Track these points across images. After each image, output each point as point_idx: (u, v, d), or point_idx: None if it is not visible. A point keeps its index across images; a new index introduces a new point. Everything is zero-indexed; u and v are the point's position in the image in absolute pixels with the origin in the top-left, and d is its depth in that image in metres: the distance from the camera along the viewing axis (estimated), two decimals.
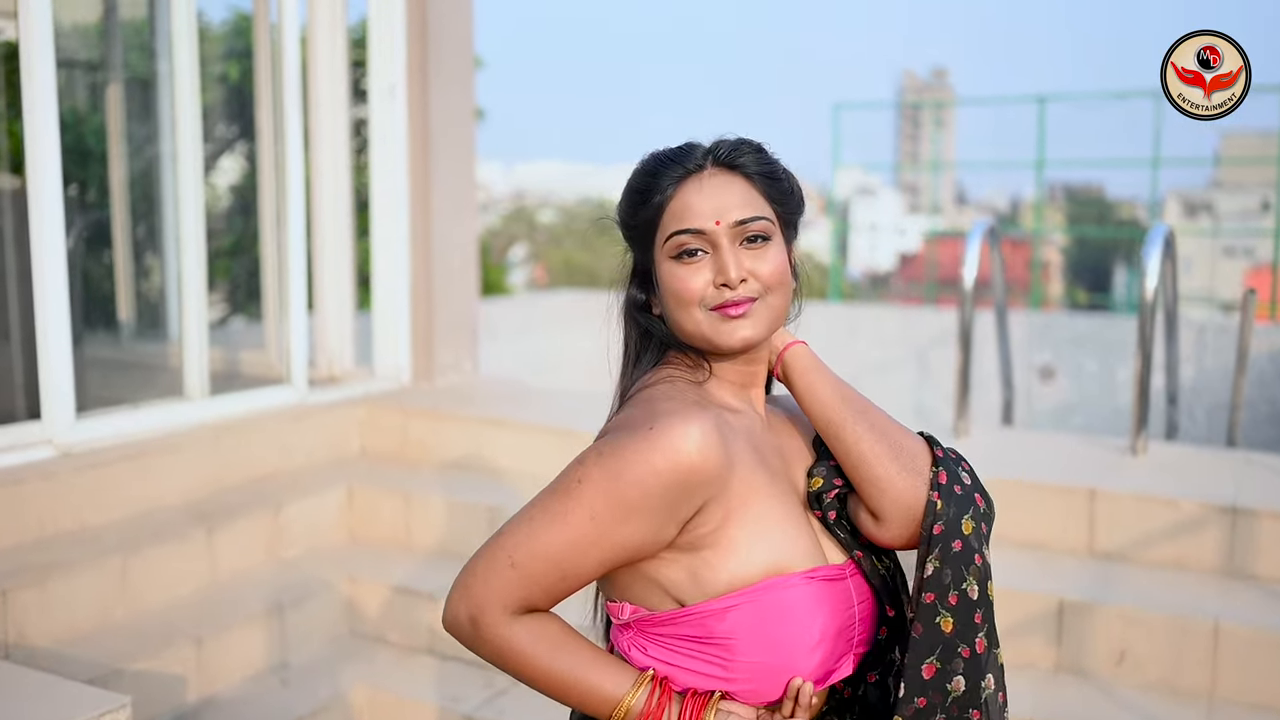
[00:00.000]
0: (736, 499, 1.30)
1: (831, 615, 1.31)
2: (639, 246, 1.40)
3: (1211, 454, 3.72)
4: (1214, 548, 3.03)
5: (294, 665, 3.29)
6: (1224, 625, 2.74)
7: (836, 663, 1.33)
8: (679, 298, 1.34)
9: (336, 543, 3.84)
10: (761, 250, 1.33)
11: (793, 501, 1.37)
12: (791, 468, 1.42)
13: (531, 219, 44.55)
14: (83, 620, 3.04)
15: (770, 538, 1.30)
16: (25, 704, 2.19)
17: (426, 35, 4.60)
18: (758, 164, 1.36)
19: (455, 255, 4.83)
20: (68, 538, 3.24)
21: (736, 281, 1.31)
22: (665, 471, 1.23)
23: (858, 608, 1.35)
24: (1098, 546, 3.16)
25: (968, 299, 3.85)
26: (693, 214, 1.32)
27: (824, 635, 1.30)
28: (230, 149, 8.25)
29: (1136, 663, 2.81)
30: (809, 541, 1.34)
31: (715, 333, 1.33)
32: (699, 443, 1.24)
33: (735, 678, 1.29)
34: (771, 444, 1.41)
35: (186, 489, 3.64)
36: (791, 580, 1.29)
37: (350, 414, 4.33)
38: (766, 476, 1.34)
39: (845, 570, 1.36)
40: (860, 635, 1.36)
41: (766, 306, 1.34)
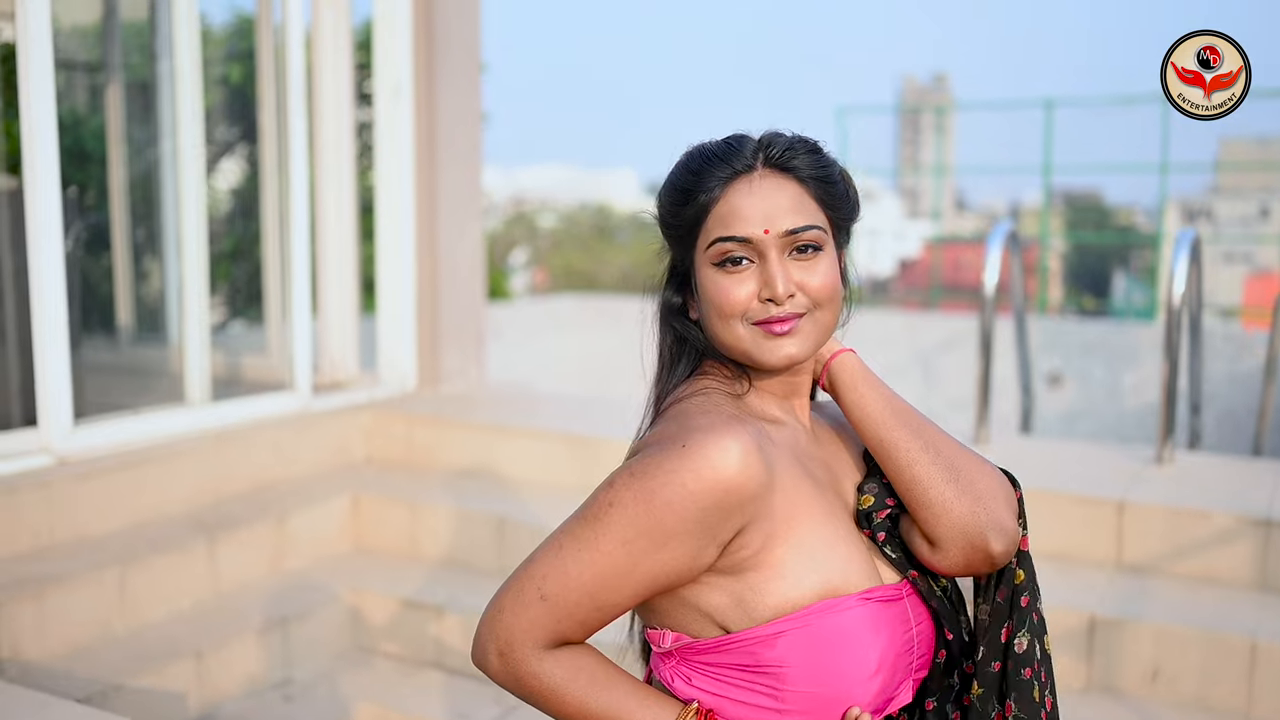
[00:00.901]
0: (780, 518, 1.21)
1: (890, 639, 1.23)
2: (679, 246, 1.30)
3: (1240, 463, 3.62)
4: (1247, 561, 2.94)
5: (298, 680, 3.19)
6: (1261, 642, 2.64)
7: (895, 689, 1.25)
8: (720, 309, 1.24)
9: (341, 553, 3.74)
10: (812, 261, 1.23)
11: (843, 518, 1.28)
12: (840, 481, 1.33)
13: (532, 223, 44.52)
14: (80, 634, 2.94)
15: (821, 558, 1.21)
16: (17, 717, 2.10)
17: (433, 36, 4.52)
18: (812, 166, 1.25)
19: (461, 259, 4.75)
20: (65, 549, 3.15)
21: (784, 297, 1.21)
22: (701, 493, 1.14)
23: (916, 629, 1.27)
24: (1126, 559, 3.07)
25: (989, 304, 3.76)
26: (740, 220, 1.22)
27: (882, 661, 1.21)
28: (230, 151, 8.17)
29: (1170, 680, 2.72)
30: (862, 560, 1.25)
31: (757, 349, 1.24)
32: (737, 460, 1.15)
33: (788, 709, 1.19)
34: (818, 457, 1.33)
35: (187, 498, 3.55)
36: (846, 603, 1.20)
37: (354, 420, 4.24)
38: (813, 492, 1.26)
39: (901, 590, 1.28)
40: (920, 659, 1.28)
41: (814, 323, 1.25)
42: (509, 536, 3.52)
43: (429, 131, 4.55)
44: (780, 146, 1.25)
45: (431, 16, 4.52)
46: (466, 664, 3.25)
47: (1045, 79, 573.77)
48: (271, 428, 3.95)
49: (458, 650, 3.27)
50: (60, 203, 3.31)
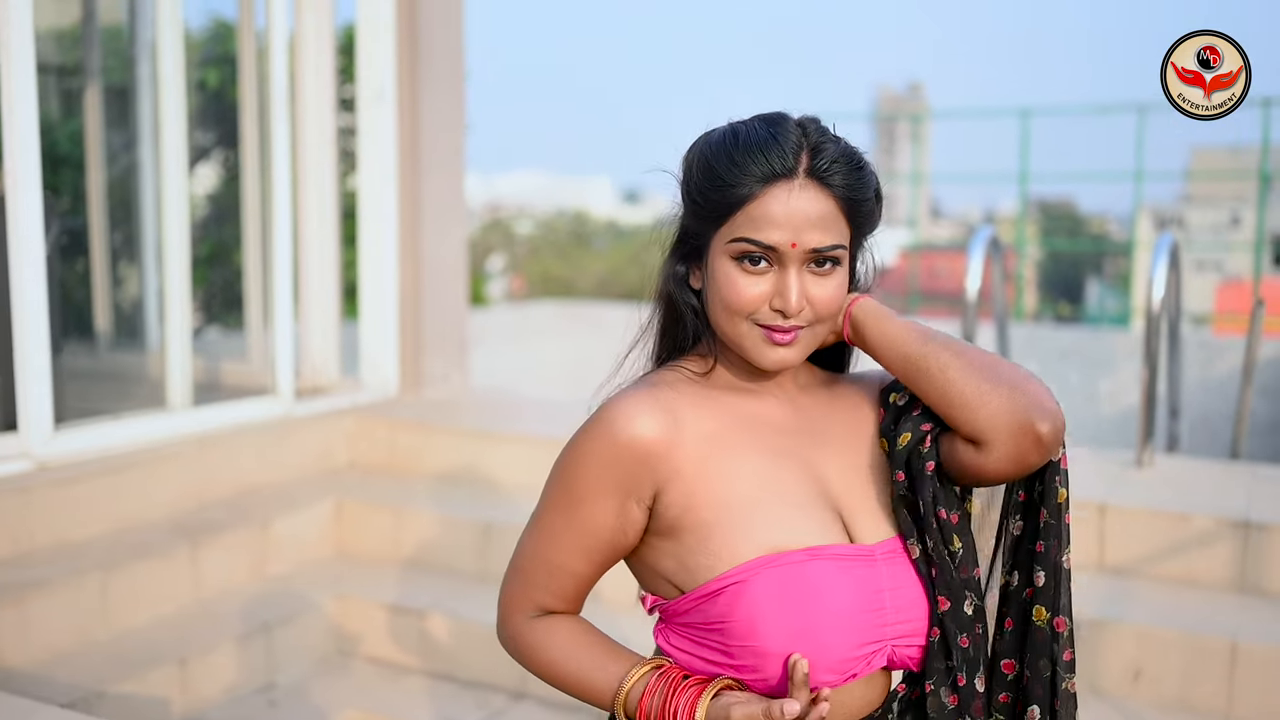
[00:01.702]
0: (702, 480, 1.26)
1: (844, 598, 1.22)
2: (699, 221, 1.28)
3: (1218, 467, 3.67)
4: (1227, 562, 2.98)
5: (281, 685, 3.18)
6: (1241, 643, 2.68)
7: (856, 650, 1.22)
8: (729, 304, 1.25)
9: (324, 558, 3.73)
10: (826, 275, 1.25)
11: (799, 479, 1.28)
12: (814, 448, 1.32)
13: (508, 230, 44.46)
14: (62, 640, 2.92)
15: (758, 518, 1.24)
16: None
17: (416, 42, 4.52)
18: (851, 186, 1.24)
19: (444, 264, 4.75)
20: (45, 554, 3.12)
21: (795, 311, 1.23)
22: (600, 451, 1.26)
23: (890, 593, 1.25)
24: (1108, 561, 3.10)
25: (970, 309, 3.79)
26: (772, 227, 1.22)
27: (828, 618, 1.20)
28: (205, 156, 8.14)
29: (1152, 681, 2.75)
30: (817, 520, 1.26)
31: (756, 350, 1.26)
32: (632, 423, 1.25)
33: (739, 664, 1.23)
34: (792, 424, 1.33)
35: (169, 503, 3.53)
36: (788, 558, 1.22)
37: (337, 425, 4.23)
38: (762, 458, 1.28)
39: (875, 550, 1.27)
40: (900, 627, 1.25)
41: (812, 334, 1.27)
42: (494, 541, 3.52)
43: (412, 137, 4.55)
44: (827, 158, 1.23)
45: (415, 22, 4.52)
46: (450, 668, 3.24)
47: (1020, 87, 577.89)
48: (254, 433, 3.94)
49: (442, 654, 3.26)
50: (41, 208, 3.29)
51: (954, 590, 1.27)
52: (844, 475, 1.31)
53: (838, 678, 1.21)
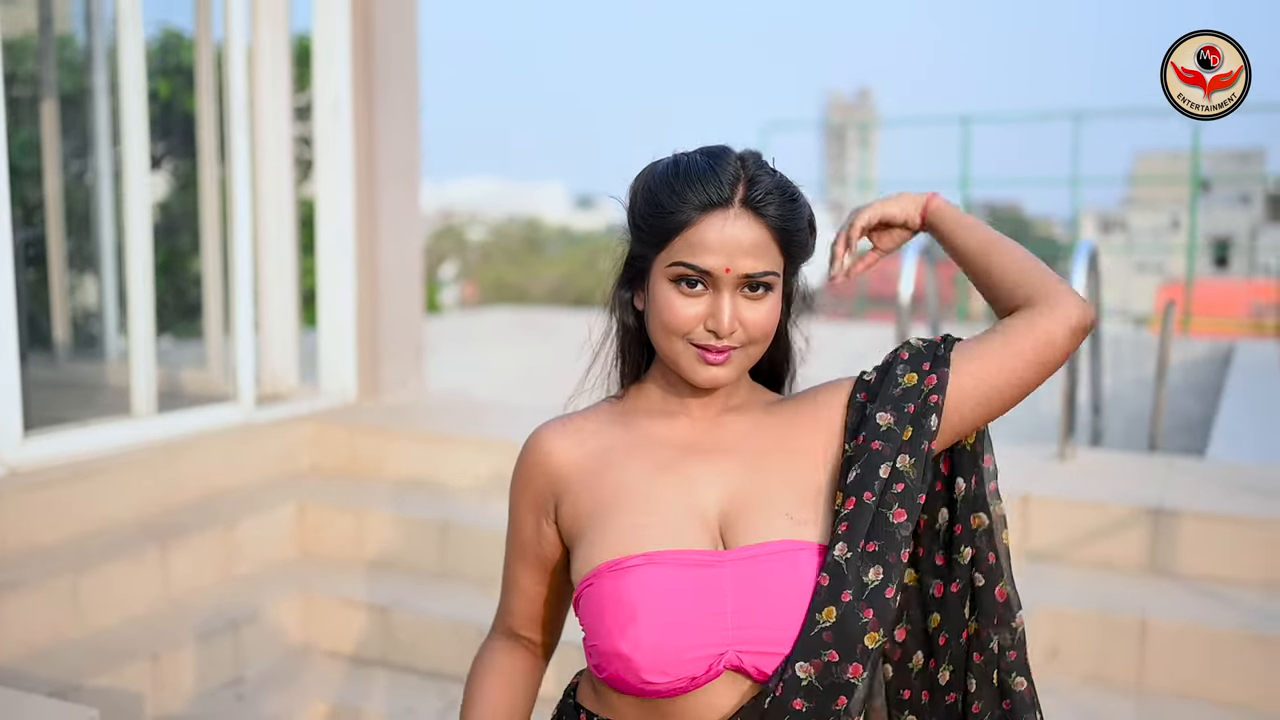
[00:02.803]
0: (586, 494, 1.37)
1: (671, 600, 1.26)
2: (641, 245, 1.36)
3: (1135, 459, 3.90)
4: (1140, 547, 3.20)
5: (250, 680, 3.30)
6: (1150, 620, 2.89)
7: (688, 657, 1.24)
8: (666, 324, 1.32)
9: (288, 558, 3.85)
10: (759, 300, 1.31)
11: (675, 491, 1.34)
12: (720, 462, 1.37)
13: (460, 237, 44.39)
14: (37, 637, 3.03)
15: (615, 527, 1.32)
16: None
17: (372, 51, 4.65)
18: (785, 217, 1.32)
19: (400, 272, 4.88)
20: (17, 557, 3.22)
21: (727, 332, 1.30)
22: (519, 472, 1.44)
23: (735, 600, 1.26)
24: (1030, 548, 3.31)
25: (904, 313, 4.00)
26: (706, 252, 1.29)
27: (656, 620, 1.25)
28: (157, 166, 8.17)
29: (1069, 658, 2.96)
30: (677, 528, 1.31)
31: (690, 368, 1.33)
32: (540, 445, 1.42)
33: (597, 664, 1.30)
34: (696, 442, 1.39)
35: (137, 506, 3.64)
36: (627, 562, 1.29)
37: (298, 431, 4.35)
38: (641, 473, 1.36)
39: (725, 557, 1.29)
40: (745, 636, 1.25)
41: (745, 355, 1.33)
42: (452, 539, 3.66)
43: (368, 147, 4.68)
44: (761, 189, 1.30)
45: (370, 33, 4.64)
46: (412, 660, 3.38)
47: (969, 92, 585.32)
48: (216, 438, 4.05)
49: (403, 647, 3.40)
50: (10, 221, 3.39)
51: (826, 598, 1.25)
52: (744, 487, 1.34)
53: (668, 679, 1.24)
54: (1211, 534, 3.14)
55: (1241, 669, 2.82)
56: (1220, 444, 4.71)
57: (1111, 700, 2.85)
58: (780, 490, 1.34)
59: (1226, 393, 6.12)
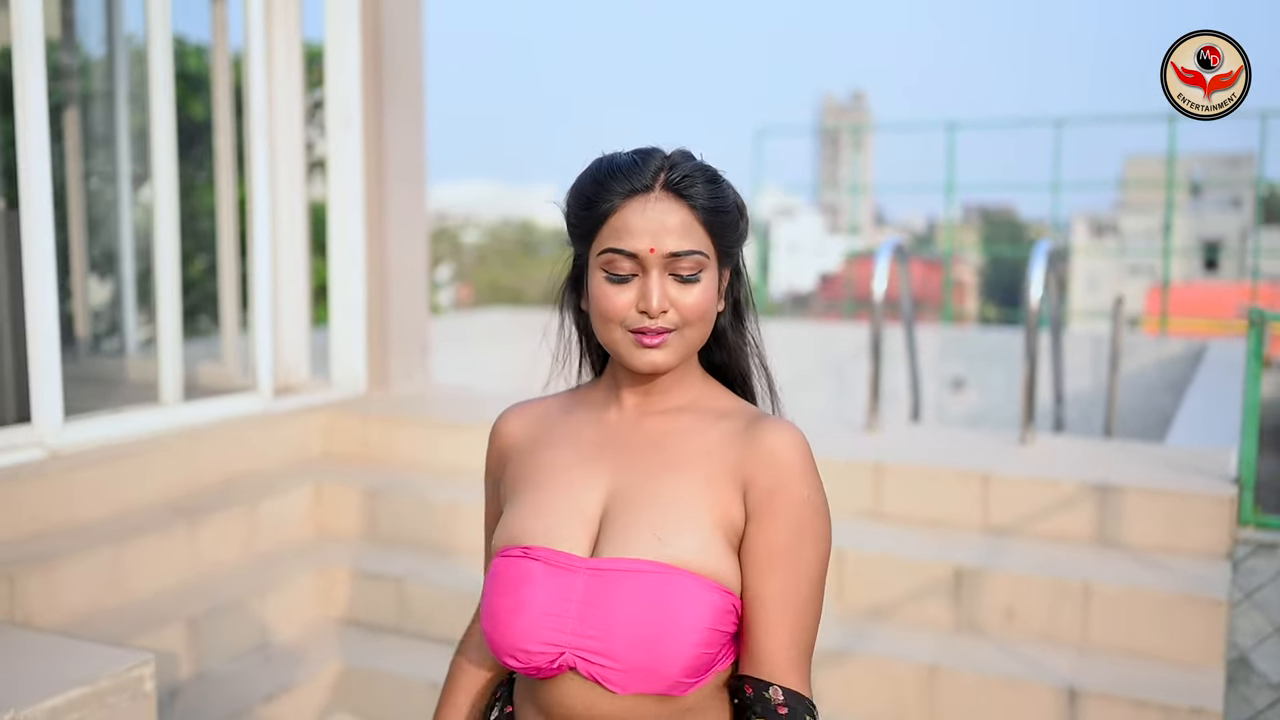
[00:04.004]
0: (519, 475, 1.46)
1: (530, 597, 1.34)
2: (578, 244, 1.42)
3: (1089, 443, 4.21)
4: (1088, 520, 3.50)
5: (275, 645, 3.59)
6: (1093, 584, 3.20)
7: (535, 646, 1.33)
8: (602, 313, 1.36)
9: (306, 536, 4.15)
10: (691, 284, 1.35)
11: (578, 488, 1.41)
12: (629, 465, 1.41)
13: (455, 239, 44.65)
14: (81, 605, 3.32)
15: (520, 515, 1.41)
16: (66, 661, 2.50)
17: (381, 63, 4.94)
18: (706, 196, 1.35)
19: (407, 273, 5.17)
20: (61, 532, 3.51)
21: (657, 312, 1.33)
22: (488, 444, 1.55)
23: (581, 605, 1.33)
24: (990, 522, 3.61)
25: (877, 310, 4.30)
26: (629, 235, 1.33)
27: (509, 611, 1.34)
28: None
29: (1023, 618, 3.26)
30: (562, 525, 1.38)
31: (629, 354, 1.36)
32: (498, 423, 1.53)
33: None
34: (618, 439, 1.44)
35: (166, 488, 3.93)
36: (511, 551, 1.39)
37: (312, 420, 4.64)
38: (561, 462, 1.44)
39: (583, 563, 1.35)
40: (582, 642, 1.32)
41: (681, 339, 1.36)
42: (461, 517, 3.95)
43: (378, 153, 4.97)
44: (680, 172, 1.35)
45: (379, 41, 4.93)
46: (424, 627, 3.68)
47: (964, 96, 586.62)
48: (237, 426, 4.34)
49: (416, 616, 3.69)
50: (52, 221, 3.68)
51: None
52: (635, 495, 1.38)
53: (519, 664, 1.35)
54: (1152, 508, 3.45)
55: (1173, 627, 3.12)
56: (1179, 432, 5.01)
57: (1059, 655, 3.15)
58: (662, 507, 1.36)
59: (1193, 387, 6.43)
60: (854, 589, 3.43)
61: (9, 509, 3.42)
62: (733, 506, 1.35)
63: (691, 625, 1.29)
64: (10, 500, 3.43)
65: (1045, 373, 6.89)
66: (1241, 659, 3.33)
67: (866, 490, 3.77)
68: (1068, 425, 6.00)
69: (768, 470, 1.34)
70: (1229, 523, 3.38)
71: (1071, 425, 7.30)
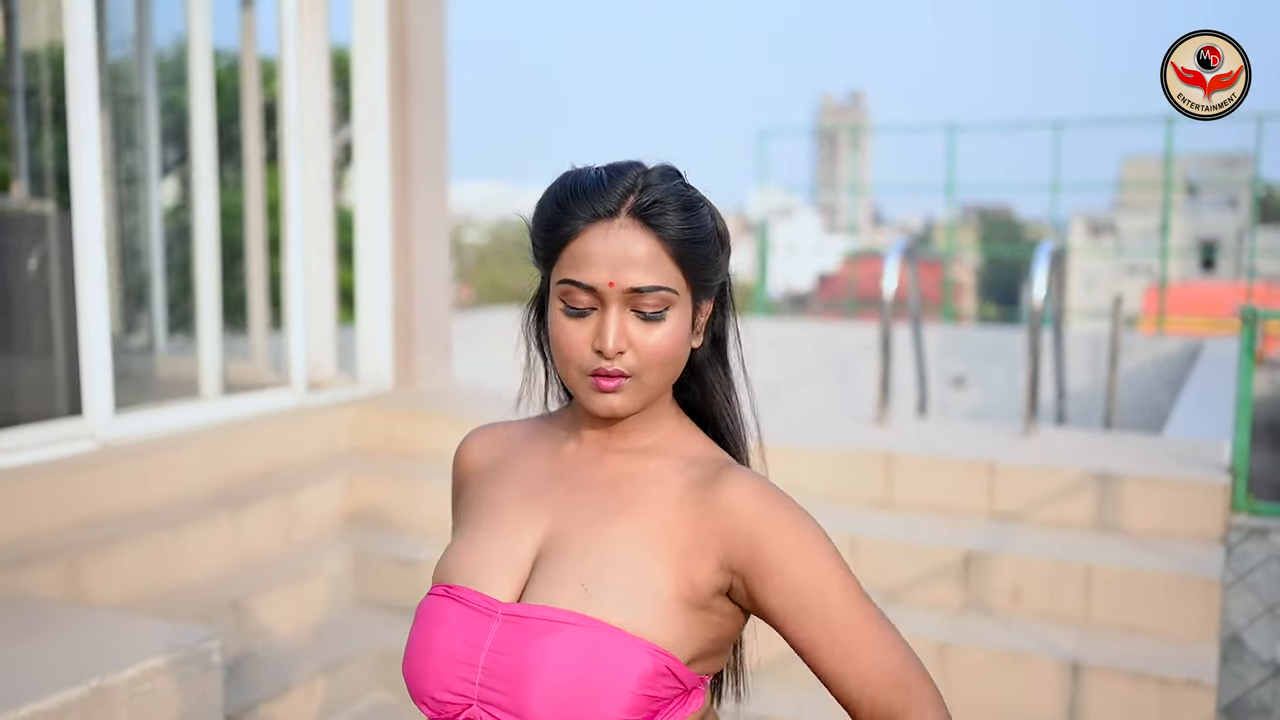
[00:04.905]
0: (469, 503, 1.38)
1: (441, 640, 1.24)
2: (538, 264, 1.31)
3: (1089, 434, 4.40)
4: (1089, 507, 3.69)
5: (315, 626, 3.78)
6: (1095, 566, 3.38)
7: (445, 696, 1.23)
8: (559, 350, 1.24)
9: (340, 524, 4.33)
10: (656, 323, 1.21)
11: (517, 526, 1.30)
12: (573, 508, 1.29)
13: (456, 239, 44.84)
14: (135, 588, 3.50)
15: (455, 548, 1.32)
16: (140, 635, 2.69)
17: (406, 63, 5.11)
18: (679, 226, 1.21)
19: (431, 273, 5.36)
20: (115, 518, 3.69)
21: (613, 353, 1.20)
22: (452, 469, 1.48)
23: (490, 655, 1.20)
24: (996, 509, 3.80)
25: (887, 308, 4.49)
26: (588, 265, 1.20)
27: (419, 652, 1.25)
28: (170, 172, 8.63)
29: (1028, 598, 3.45)
30: (491, 565, 1.27)
31: (586, 397, 1.24)
32: (461, 444, 1.44)
33: None
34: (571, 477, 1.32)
35: (209, 478, 4.11)
36: (435, 589, 1.30)
37: (341, 415, 4.82)
38: (508, 494, 1.33)
39: (499, 608, 1.23)
40: (489, 695, 1.20)
41: (639, 384, 1.23)
42: None
43: (403, 155, 5.15)
44: (651, 196, 1.20)
45: (405, 49, 5.11)
46: None
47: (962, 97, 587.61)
48: (272, 421, 4.53)
49: None
50: (102, 221, 3.86)
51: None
52: (571, 539, 1.26)
53: (429, 711, 1.24)
54: (1150, 495, 3.64)
55: (1170, 607, 3.31)
56: (1175, 427, 5.20)
57: (1062, 632, 3.34)
58: (597, 555, 1.23)
59: (1189, 383, 6.62)
60: (867, 573, 3.62)
61: (66, 497, 3.60)
62: (692, 563, 1.21)
63: (619, 689, 1.15)
64: (67, 489, 3.61)
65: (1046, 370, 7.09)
66: (1234, 638, 3.52)
67: (877, 479, 3.96)
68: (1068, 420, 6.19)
69: (740, 526, 1.21)
70: (1223, 509, 3.57)
71: (1072, 420, 7.49)
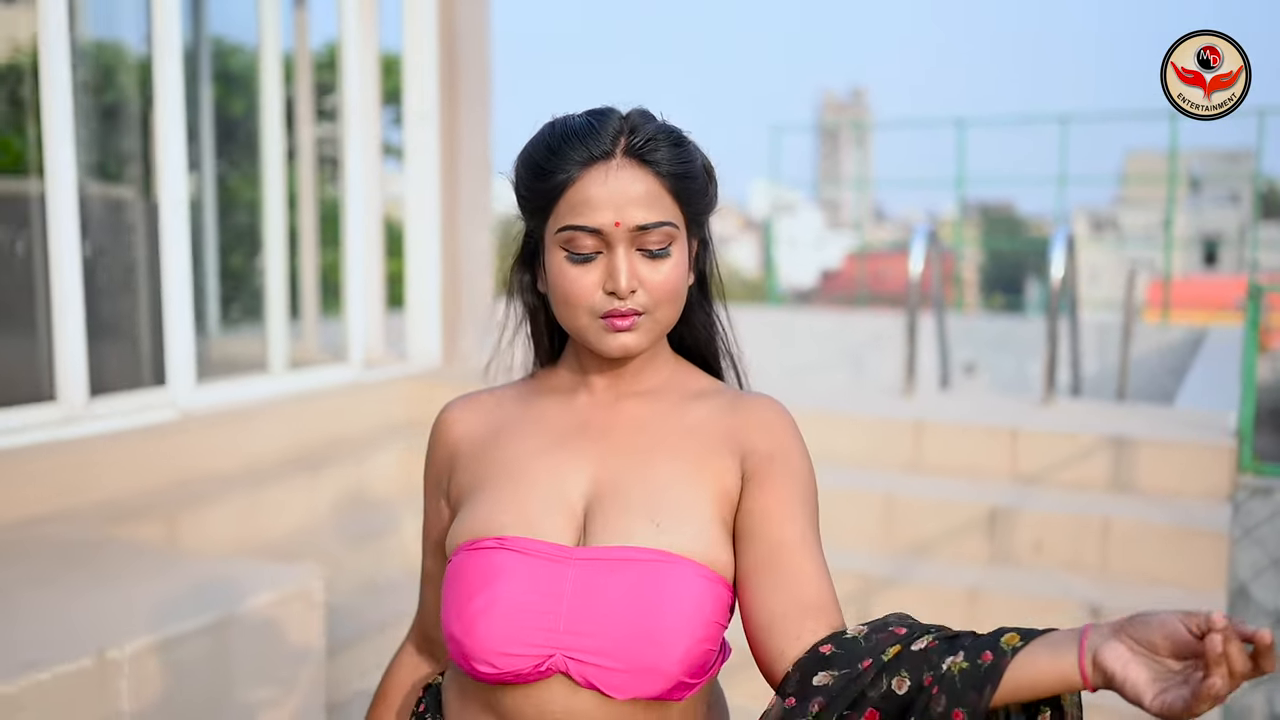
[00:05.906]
0: (476, 469, 1.32)
1: (509, 589, 1.19)
2: (531, 219, 1.30)
3: (1104, 404, 4.70)
4: (1104, 468, 3.98)
5: (381, 581, 4.07)
6: (1111, 520, 3.68)
7: (518, 650, 1.17)
8: (566, 298, 1.24)
9: (401, 489, 4.62)
10: (660, 260, 1.23)
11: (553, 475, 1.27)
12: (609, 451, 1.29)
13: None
14: (225, 542, 3.79)
15: (483, 506, 1.27)
16: (252, 576, 2.98)
17: (455, 61, 5.39)
18: (673, 161, 1.23)
19: (476, 258, 5.64)
20: (202, 480, 3.99)
21: (627, 292, 1.21)
22: (428, 446, 1.40)
23: (571, 600, 1.18)
24: (1019, 471, 4.09)
25: (914, 289, 4.78)
26: (592, 209, 1.20)
27: (492, 608, 1.19)
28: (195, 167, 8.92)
29: (1050, 550, 3.74)
30: (541, 513, 1.24)
31: (599, 340, 1.24)
32: (442, 417, 1.39)
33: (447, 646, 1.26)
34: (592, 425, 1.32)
35: (283, 446, 4.40)
36: (481, 543, 1.23)
37: (394, 390, 5.12)
38: (528, 450, 1.30)
39: (572, 553, 1.21)
40: (573, 642, 1.17)
41: (653, 320, 1.24)
42: None
43: (451, 148, 5.44)
44: (643, 136, 1.22)
45: (454, 47, 5.39)
46: None
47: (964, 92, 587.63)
48: (333, 395, 4.82)
49: None
50: (187, 213, 4.15)
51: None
52: (625, 479, 1.25)
53: (494, 670, 1.18)
54: (1162, 458, 3.93)
55: (1181, 557, 3.60)
56: (1183, 402, 5.49)
57: (1082, 580, 3.63)
58: (654, 491, 1.24)
59: (1195, 366, 6.91)
60: (901, 529, 3.91)
61: (157, 460, 3.89)
62: (727, 476, 1.25)
63: (693, 616, 1.17)
64: (157, 452, 3.91)
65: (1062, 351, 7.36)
66: (1241, 589, 3.81)
67: (908, 445, 4.24)
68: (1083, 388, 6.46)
69: (766, 437, 1.27)
70: (1230, 470, 3.86)
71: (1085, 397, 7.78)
